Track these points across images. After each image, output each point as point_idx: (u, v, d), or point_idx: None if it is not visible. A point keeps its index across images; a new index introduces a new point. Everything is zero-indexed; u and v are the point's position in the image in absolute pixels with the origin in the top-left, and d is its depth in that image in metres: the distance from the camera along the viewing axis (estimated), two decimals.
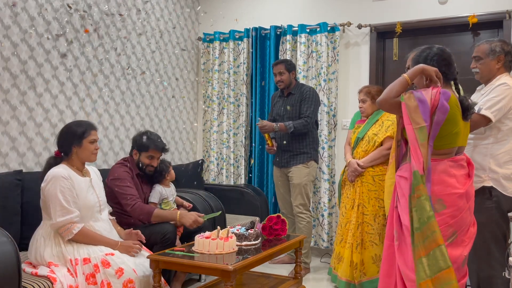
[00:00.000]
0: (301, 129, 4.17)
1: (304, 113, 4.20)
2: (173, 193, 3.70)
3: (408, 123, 2.39)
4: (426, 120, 2.37)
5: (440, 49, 2.61)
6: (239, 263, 2.77)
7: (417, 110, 2.38)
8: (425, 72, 2.48)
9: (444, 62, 2.58)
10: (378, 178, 3.68)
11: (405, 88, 2.47)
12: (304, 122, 4.17)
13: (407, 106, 2.40)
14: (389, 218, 2.62)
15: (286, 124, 4.15)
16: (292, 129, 4.14)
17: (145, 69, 4.74)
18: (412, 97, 2.41)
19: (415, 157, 2.37)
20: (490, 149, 2.97)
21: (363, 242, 3.67)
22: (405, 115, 2.40)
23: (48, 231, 2.85)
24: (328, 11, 4.85)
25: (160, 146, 3.53)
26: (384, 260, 2.58)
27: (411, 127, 2.38)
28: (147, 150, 3.48)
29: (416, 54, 2.66)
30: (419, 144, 2.37)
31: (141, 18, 4.67)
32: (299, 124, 4.16)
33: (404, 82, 2.47)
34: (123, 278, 2.74)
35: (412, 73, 2.50)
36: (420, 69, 2.49)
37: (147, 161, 3.50)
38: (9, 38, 3.47)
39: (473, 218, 2.55)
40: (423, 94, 2.41)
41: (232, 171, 5.14)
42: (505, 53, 3.01)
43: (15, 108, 3.53)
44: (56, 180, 2.81)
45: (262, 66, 5.07)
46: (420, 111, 2.38)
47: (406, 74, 2.49)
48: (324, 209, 4.70)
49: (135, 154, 3.53)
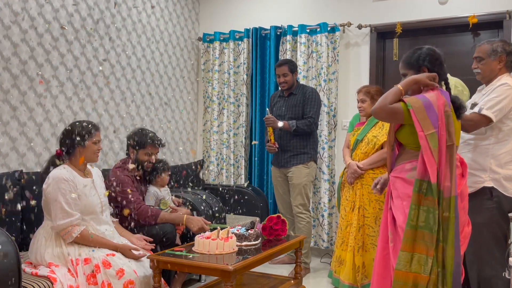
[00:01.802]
0: (304, 129, 4.19)
1: (307, 114, 4.22)
2: (168, 191, 3.70)
3: (420, 130, 2.34)
4: (435, 125, 2.34)
5: (430, 49, 2.59)
6: (239, 263, 2.77)
7: (425, 115, 2.35)
8: (419, 83, 2.47)
9: (437, 62, 2.56)
10: None
11: (398, 98, 2.44)
12: (308, 122, 4.18)
13: (415, 112, 2.36)
14: (383, 220, 2.60)
15: (290, 123, 4.18)
16: (294, 128, 4.15)
17: (145, 69, 4.74)
18: (419, 101, 2.38)
19: (428, 165, 2.31)
20: (491, 150, 2.96)
21: (365, 244, 3.66)
22: (415, 122, 2.35)
23: (49, 232, 2.84)
24: (328, 12, 4.85)
25: (156, 142, 3.52)
26: (378, 263, 2.56)
27: (423, 134, 2.34)
28: (144, 147, 3.47)
29: (407, 56, 2.63)
30: (432, 150, 2.33)
31: (141, 18, 4.67)
32: (303, 124, 4.17)
33: (398, 92, 2.45)
34: (123, 279, 2.74)
35: (405, 84, 2.48)
36: (413, 81, 2.48)
37: (145, 158, 3.48)
38: (9, 38, 3.47)
39: (468, 217, 2.55)
40: (427, 98, 2.39)
41: (232, 171, 5.14)
42: (507, 53, 3.01)
43: (16, 108, 3.53)
44: (58, 182, 2.81)
45: (262, 67, 5.07)
46: (428, 116, 2.35)
47: (400, 85, 2.47)
48: (324, 209, 4.70)
49: (132, 153, 3.51)
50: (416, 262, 2.31)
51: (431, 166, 2.32)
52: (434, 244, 2.30)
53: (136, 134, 3.50)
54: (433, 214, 2.31)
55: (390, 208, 2.51)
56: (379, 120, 2.86)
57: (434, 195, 2.32)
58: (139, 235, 3.26)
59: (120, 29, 4.43)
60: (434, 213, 2.31)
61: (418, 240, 2.32)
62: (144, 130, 3.54)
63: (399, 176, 2.51)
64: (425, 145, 2.33)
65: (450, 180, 2.36)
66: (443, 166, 2.35)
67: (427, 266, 2.29)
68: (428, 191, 2.32)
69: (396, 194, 2.49)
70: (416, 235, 2.32)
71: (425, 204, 2.32)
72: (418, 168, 2.35)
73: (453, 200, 2.35)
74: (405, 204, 2.43)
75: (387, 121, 2.59)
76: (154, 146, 3.49)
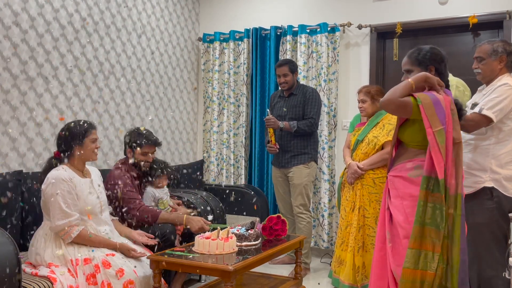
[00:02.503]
0: (305, 130, 4.19)
1: (308, 114, 4.22)
2: (166, 191, 3.70)
3: (428, 126, 2.35)
4: (443, 122, 2.35)
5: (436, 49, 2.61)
6: (239, 264, 2.77)
7: (434, 111, 2.36)
8: (428, 80, 2.47)
9: (443, 63, 2.59)
10: (379, 181, 3.66)
11: (408, 92, 2.44)
12: (309, 123, 4.19)
13: (425, 108, 2.36)
14: (380, 219, 2.60)
15: (290, 124, 4.18)
16: (295, 128, 4.15)
17: (146, 69, 4.74)
18: (428, 98, 2.39)
19: (436, 161, 2.31)
20: (492, 150, 2.96)
21: (365, 245, 3.66)
22: (424, 118, 2.36)
23: (49, 232, 2.84)
24: (328, 12, 4.85)
25: (153, 141, 3.53)
26: (376, 263, 2.56)
27: (431, 130, 2.34)
28: (141, 147, 3.48)
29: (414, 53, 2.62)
30: (439, 147, 2.33)
31: (141, 19, 4.67)
32: (304, 125, 4.17)
33: (409, 87, 2.43)
34: (123, 279, 2.74)
35: (416, 79, 2.47)
36: (424, 77, 2.47)
37: (142, 158, 3.49)
38: (10, 38, 3.47)
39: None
40: (435, 95, 2.40)
41: (232, 172, 5.14)
42: (507, 53, 3.01)
43: (16, 108, 3.52)
44: (56, 183, 2.81)
45: (262, 67, 5.07)
46: (437, 113, 2.36)
47: (411, 79, 2.47)
48: (324, 209, 4.70)
49: (129, 153, 3.51)
50: (423, 259, 2.31)
51: (438, 162, 2.32)
52: (440, 240, 2.31)
53: (131, 134, 3.51)
54: (440, 210, 2.31)
55: (388, 208, 2.51)
56: (387, 112, 2.85)
57: (442, 191, 2.32)
58: (140, 231, 3.26)
59: (120, 29, 4.43)
60: (441, 210, 2.31)
61: (425, 237, 2.32)
62: (140, 130, 3.55)
63: (399, 175, 2.50)
64: (433, 141, 2.33)
65: (456, 178, 2.37)
66: (449, 164, 2.35)
67: (433, 263, 2.30)
68: (435, 188, 2.32)
69: (395, 194, 2.48)
70: (423, 232, 2.32)
71: (432, 200, 2.32)
72: (426, 165, 2.35)
73: (459, 198, 2.36)
74: (406, 203, 2.43)
75: (395, 114, 2.57)
76: (150, 145, 3.50)
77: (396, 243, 2.43)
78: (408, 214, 2.41)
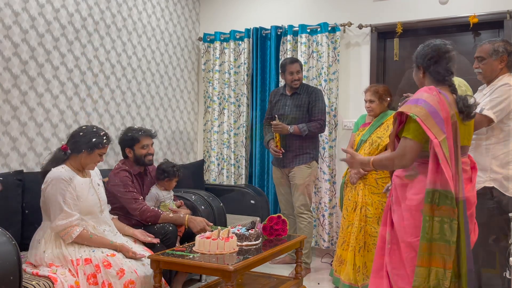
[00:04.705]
0: (315, 132, 4.21)
1: (316, 115, 4.21)
2: (170, 195, 3.70)
3: (434, 138, 2.21)
4: (443, 130, 2.23)
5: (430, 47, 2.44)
6: (239, 263, 2.77)
7: (433, 122, 2.23)
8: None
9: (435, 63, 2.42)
10: (381, 181, 3.66)
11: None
12: (318, 125, 4.20)
13: (423, 120, 2.22)
14: (383, 218, 2.54)
15: (300, 127, 4.15)
16: (307, 132, 4.14)
17: (146, 69, 4.74)
18: (423, 109, 2.25)
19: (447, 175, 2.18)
20: (492, 150, 2.96)
21: (366, 244, 3.65)
22: (427, 130, 2.22)
23: (49, 233, 2.84)
24: (328, 11, 4.85)
25: (148, 132, 3.57)
26: (376, 262, 2.53)
27: (437, 141, 2.21)
28: (138, 141, 3.48)
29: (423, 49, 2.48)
30: (446, 158, 2.21)
31: (141, 18, 4.67)
32: (314, 127, 4.17)
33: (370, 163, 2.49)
34: (124, 279, 2.74)
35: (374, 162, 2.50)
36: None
37: (144, 152, 3.50)
38: (10, 38, 3.47)
39: (474, 225, 2.44)
40: (428, 102, 2.27)
41: (233, 171, 5.14)
42: (508, 53, 3.01)
43: (16, 108, 3.53)
44: (56, 183, 2.81)
45: (262, 66, 5.07)
46: (436, 122, 2.23)
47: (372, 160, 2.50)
48: (325, 209, 4.70)
49: (129, 153, 3.52)
50: (434, 277, 2.19)
51: (449, 176, 2.20)
52: (452, 256, 2.19)
53: (126, 133, 3.54)
54: (449, 224, 2.19)
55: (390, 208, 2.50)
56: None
57: (452, 204, 2.20)
58: (141, 230, 3.28)
59: (121, 29, 4.43)
60: (451, 223, 2.19)
61: (434, 253, 2.20)
62: (131, 127, 3.63)
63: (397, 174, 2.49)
64: (441, 154, 2.20)
65: (457, 184, 2.26)
66: (453, 171, 2.25)
67: (446, 281, 2.18)
68: (441, 201, 2.20)
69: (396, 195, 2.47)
70: (431, 248, 2.20)
71: (439, 214, 2.20)
72: (429, 178, 2.23)
73: (461, 205, 2.24)
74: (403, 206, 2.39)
75: (415, 155, 2.36)
76: (147, 136, 3.51)
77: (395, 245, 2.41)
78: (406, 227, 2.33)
